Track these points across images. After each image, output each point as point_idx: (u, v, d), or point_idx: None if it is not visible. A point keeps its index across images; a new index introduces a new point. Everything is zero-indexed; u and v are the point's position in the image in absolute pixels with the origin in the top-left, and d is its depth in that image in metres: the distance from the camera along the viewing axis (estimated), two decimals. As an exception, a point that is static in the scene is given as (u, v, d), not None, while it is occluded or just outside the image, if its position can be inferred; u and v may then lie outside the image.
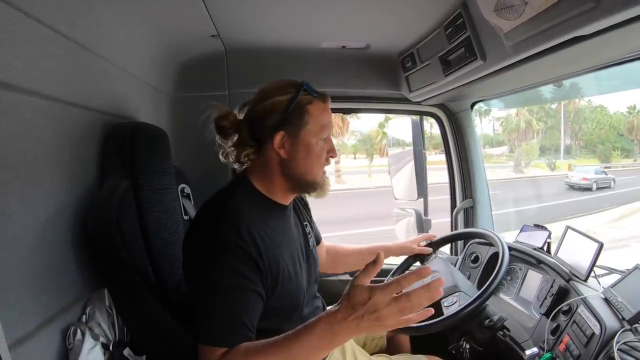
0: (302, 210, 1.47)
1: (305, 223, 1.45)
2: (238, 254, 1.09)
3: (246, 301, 1.09)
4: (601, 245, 1.47)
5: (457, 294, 1.45)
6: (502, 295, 1.79)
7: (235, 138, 1.28)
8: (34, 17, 0.94)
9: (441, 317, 1.40)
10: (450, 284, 1.49)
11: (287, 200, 1.32)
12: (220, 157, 1.33)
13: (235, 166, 1.32)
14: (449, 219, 2.40)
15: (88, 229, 1.19)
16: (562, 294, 1.48)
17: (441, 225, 2.44)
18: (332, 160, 1.33)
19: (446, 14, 1.53)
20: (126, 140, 1.30)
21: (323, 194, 1.33)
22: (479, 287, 1.46)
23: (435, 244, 1.81)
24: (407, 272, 0.96)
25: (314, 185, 1.29)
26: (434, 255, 1.74)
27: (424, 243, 1.82)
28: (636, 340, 1.16)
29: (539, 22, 1.08)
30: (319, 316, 1.00)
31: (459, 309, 1.37)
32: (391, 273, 1.80)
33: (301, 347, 0.99)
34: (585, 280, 1.48)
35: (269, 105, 1.23)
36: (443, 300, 1.46)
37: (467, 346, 1.40)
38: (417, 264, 1.81)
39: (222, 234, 1.11)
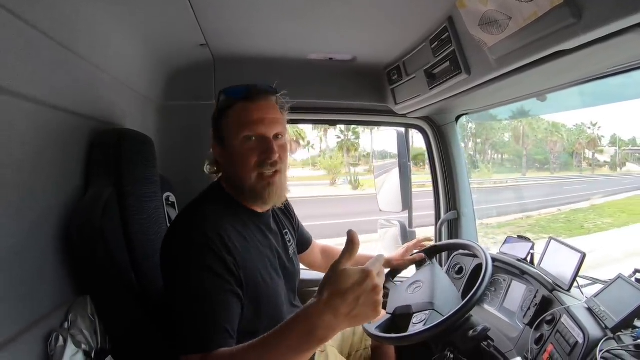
0: (281, 218, 1.47)
1: (285, 231, 1.44)
2: (209, 255, 1.09)
3: (223, 303, 1.07)
4: (584, 256, 1.50)
5: (427, 312, 1.43)
6: (486, 307, 1.80)
7: None
8: (25, 20, 0.94)
9: (402, 334, 1.39)
10: (426, 300, 1.48)
11: (259, 208, 1.31)
12: (205, 169, 1.34)
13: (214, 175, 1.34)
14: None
15: (72, 235, 1.18)
16: (545, 304, 1.50)
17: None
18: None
19: (432, 28, 1.56)
20: (112, 146, 1.29)
21: (264, 203, 1.28)
22: (463, 298, 1.46)
23: (428, 253, 1.81)
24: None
25: (249, 193, 1.25)
26: (428, 262, 1.75)
27: (416, 251, 1.83)
28: (619, 348, 1.17)
29: (523, 37, 1.11)
30: (296, 314, 0.91)
31: (422, 329, 1.36)
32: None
33: (278, 350, 0.91)
34: (569, 290, 1.50)
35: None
36: (414, 315, 1.45)
37: (452, 356, 1.40)
38: (413, 268, 1.82)
39: (192, 239, 1.11)
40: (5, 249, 0.92)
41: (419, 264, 1.78)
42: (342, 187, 26.86)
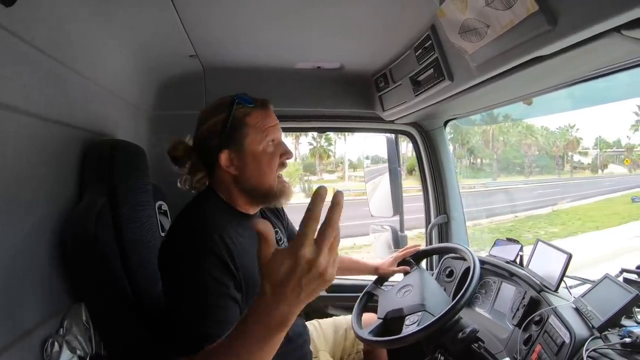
0: (270, 218, 1.48)
1: (275, 230, 1.45)
2: (211, 259, 1.09)
3: (221, 308, 1.07)
4: (570, 256, 1.52)
5: (420, 313, 1.45)
6: (477, 309, 1.82)
7: (188, 165, 1.32)
8: (15, 34, 0.95)
9: (396, 336, 1.41)
10: (417, 302, 1.50)
11: (253, 210, 1.33)
12: (178, 183, 1.35)
13: (193, 192, 1.34)
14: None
15: (66, 243, 1.20)
16: (533, 305, 1.52)
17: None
18: None
19: (416, 36, 1.58)
20: (104, 157, 1.31)
21: (285, 200, 1.32)
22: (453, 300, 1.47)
23: (416, 257, 1.84)
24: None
25: (272, 194, 1.28)
26: (415, 267, 1.77)
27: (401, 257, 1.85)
28: (605, 347, 1.19)
29: (501, 44, 1.13)
30: (243, 318, 0.78)
31: (417, 329, 1.37)
32: (372, 282, 1.82)
33: (242, 343, 0.80)
34: (556, 290, 1.52)
35: (207, 128, 1.27)
36: (406, 317, 1.47)
37: (442, 358, 1.41)
38: (401, 274, 1.84)
39: (194, 242, 1.11)
40: (1, 257, 0.94)
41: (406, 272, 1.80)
42: (298, 194, 27.41)
